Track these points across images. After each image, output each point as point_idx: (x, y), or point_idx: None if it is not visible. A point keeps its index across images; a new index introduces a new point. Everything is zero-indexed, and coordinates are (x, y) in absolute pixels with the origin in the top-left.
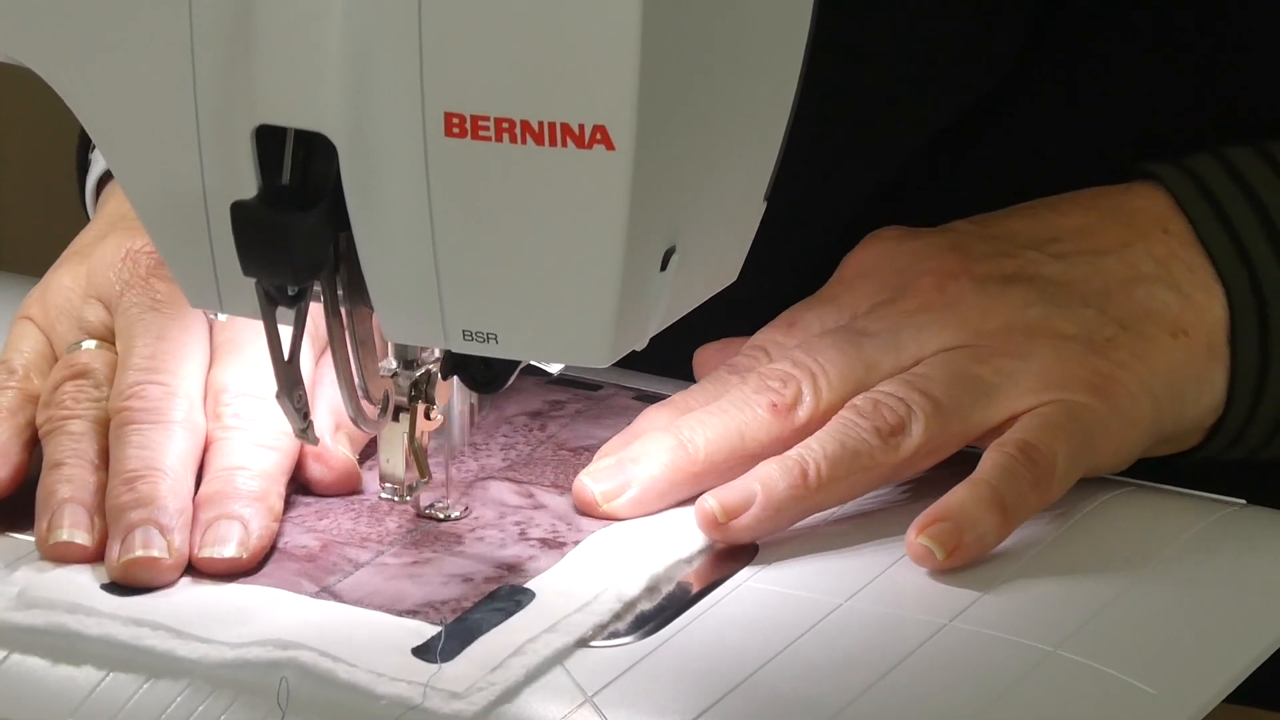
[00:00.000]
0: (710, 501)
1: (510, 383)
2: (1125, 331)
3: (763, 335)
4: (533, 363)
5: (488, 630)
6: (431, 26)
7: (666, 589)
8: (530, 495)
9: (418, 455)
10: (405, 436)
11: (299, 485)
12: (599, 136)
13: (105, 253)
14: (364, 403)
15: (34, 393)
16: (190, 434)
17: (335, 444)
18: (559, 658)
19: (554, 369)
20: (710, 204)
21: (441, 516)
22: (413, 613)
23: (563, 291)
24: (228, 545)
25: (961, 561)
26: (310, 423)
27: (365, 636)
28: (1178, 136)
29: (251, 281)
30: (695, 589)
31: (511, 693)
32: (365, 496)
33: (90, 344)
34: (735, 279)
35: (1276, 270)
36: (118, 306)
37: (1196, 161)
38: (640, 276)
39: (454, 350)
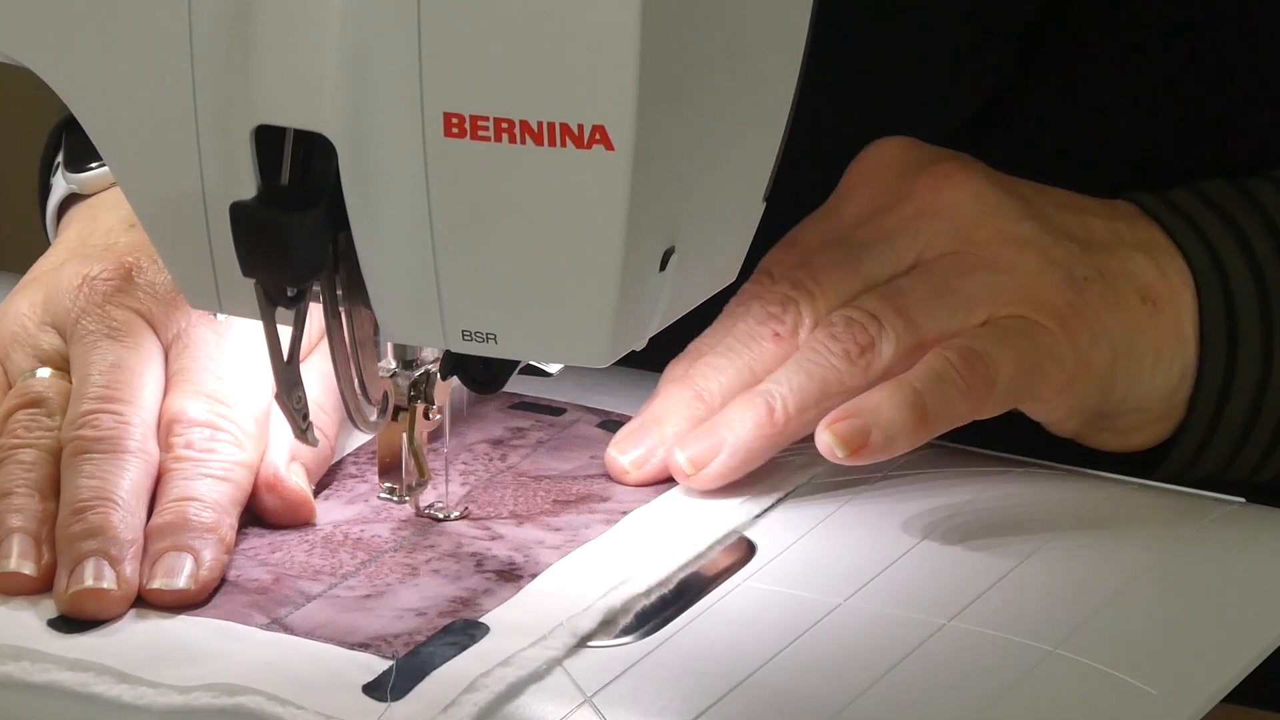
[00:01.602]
0: (679, 455)
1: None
2: (1102, 279)
3: (768, 259)
4: (532, 363)
5: (440, 665)
6: (431, 26)
7: (659, 593)
8: (487, 527)
9: (417, 455)
10: (405, 436)
11: (252, 516)
12: (598, 136)
13: (62, 280)
14: (363, 403)
15: None
16: (143, 464)
17: (290, 475)
18: (512, 694)
19: (553, 369)
20: (710, 204)
21: (440, 516)
22: (364, 646)
23: (562, 291)
24: (178, 577)
25: (866, 459)
26: (310, 423)
27: (315, 674)
28: (1171, 153)
29: (251, 282)
30: (695, 589)
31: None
32: (319, 528)
33: (45, 372)
34: (735, 279)
35: (1250, 284)
36: (73, 334)
37: (1171, 192)
38: (639, 276)
39: (453, 350)
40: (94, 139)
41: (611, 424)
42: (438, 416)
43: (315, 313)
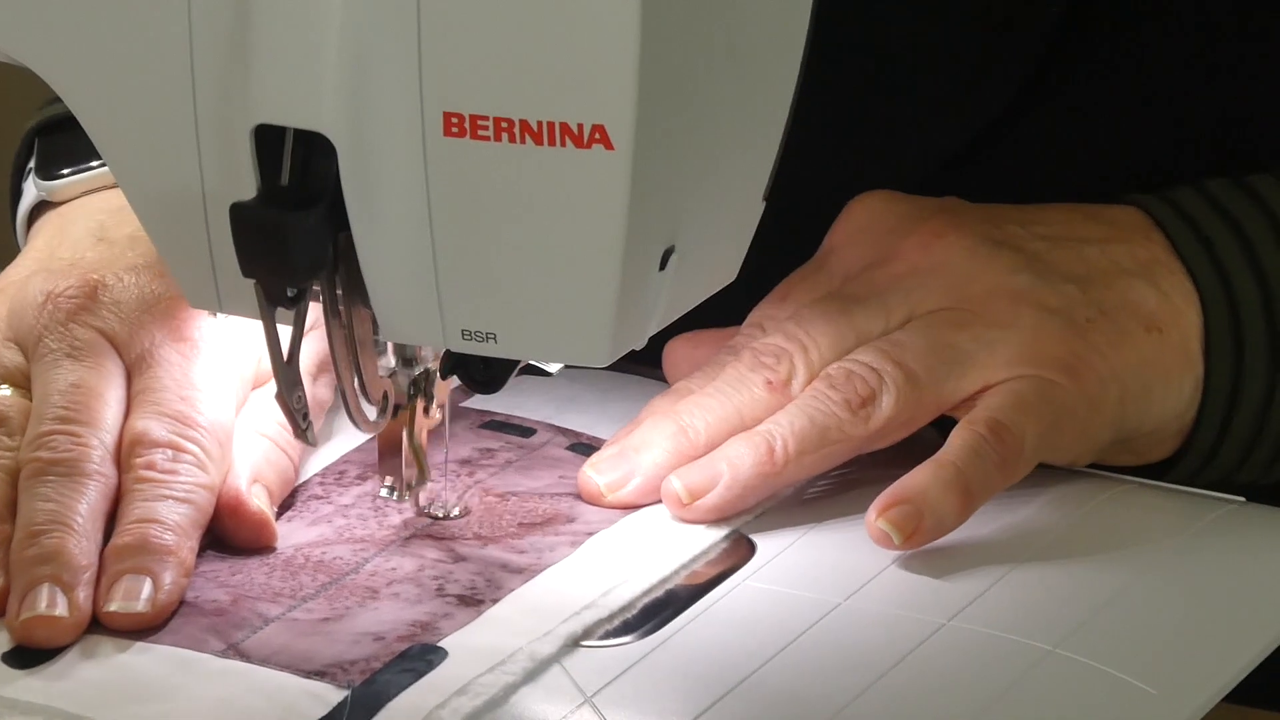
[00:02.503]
0: (675, 482)
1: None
2: (1103, 316)
3: (758, 312)
4: (532, 362)
5: (396, 694)
6: (431, 26)
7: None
8: (451, 550)
9: (417, 453)
10: (405, 434)
11: (214, 538)
12: (598, 136)
13: (27, 295)
14: (363, 403)
15: None
16: (101, 487)
17: (252, 497)
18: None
19: (553, 368)
20: (710, 204)
21: (441, 515)
22: (320, 674)
23: (562, 291)
24: (136, 600)
25: (919, 544)
26: (310, 423)
27: (268, 709)
28: (1192, 157)
29: (251, 282)
30: (695, 589)
31: (508, 691)
32: (280, 550)
33: (4, 390)
34: (734, 279)
35: (1254, 290)
36: (35, 353)
37: (1174, 192)
38: (639, 276)
39: (453, 350)
40: (94, 139)
41: (582, 447)
42: (438, 414)
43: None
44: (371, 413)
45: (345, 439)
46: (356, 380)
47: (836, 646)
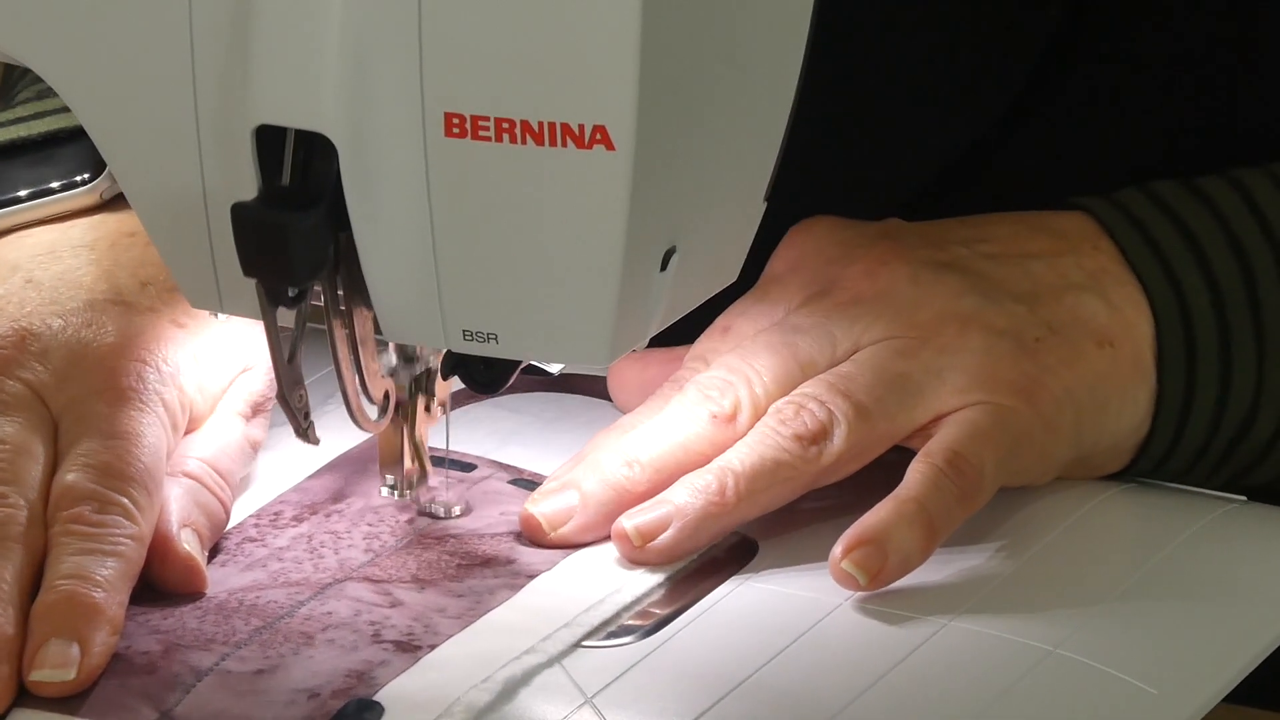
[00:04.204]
0: (625, 524)
1: (510, 382)
2: (1054, 335)
3: (700, 345)
4: (533, 363)
5: None
6: (431, 26)
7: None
8: (388, 594)
9: (418, 450)
10: (405, 432)
11: (145, 582)
12: (599, 136)
13: None
14: (363, 403)
15: None
16: (27, 551)
17: (182, 542)
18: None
19: (554, 369)
20: (710, 204)
21: (442, 514)
22: None
23: (563, 291)
24: (63, 670)
25: (885, 584)
26: (311, 423)
27: None
28: (1190, 161)
29: (251, 282)
30: (694, 590)
31: (509, 692)
32: (213, 595)
33: None
34: (735, 279)
35: (1205, 296)
36: None
37: (1122, 194)
38: (640, 276)
39: (454, 350)
40: (95, 139)
41: (524, 482)
42: (439, 412)
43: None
44: (373, 412)
45: (282, 477)
46: (358, 379)
47: (836, 646)
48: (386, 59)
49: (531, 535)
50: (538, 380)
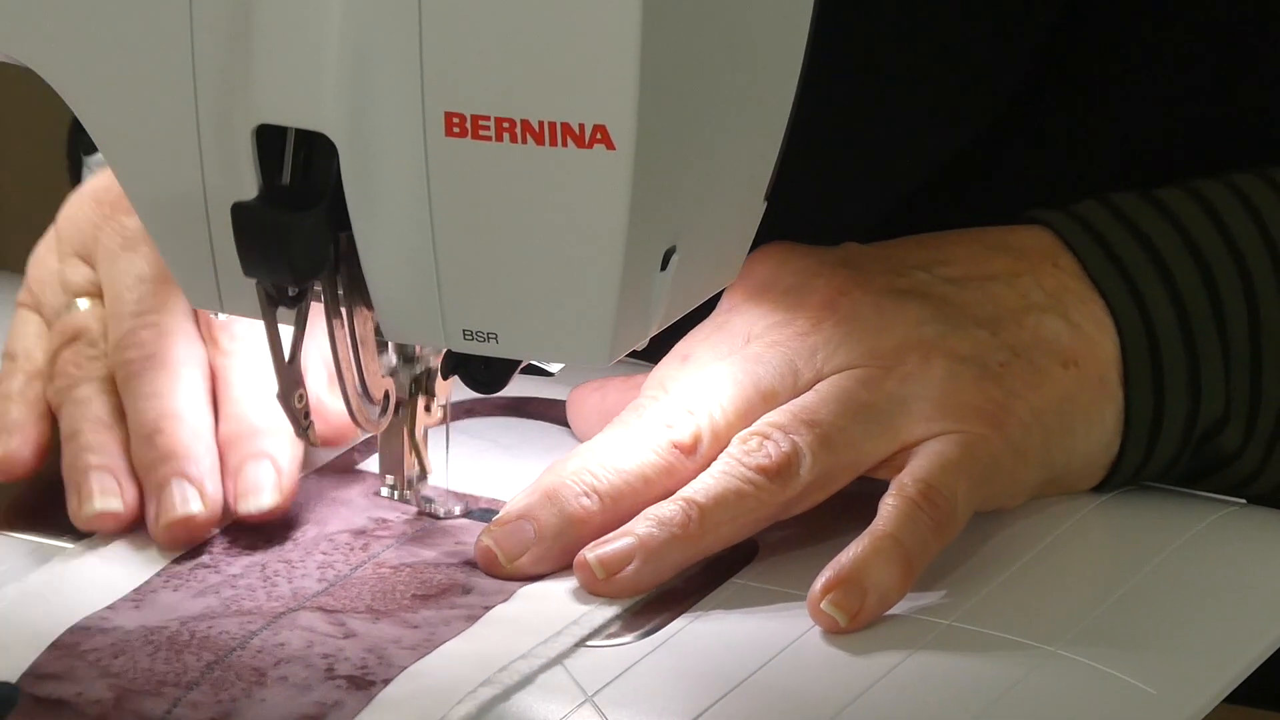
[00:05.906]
0: (589, 557)
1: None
2: (1017, 358)
3: (659, 372)
4: (534, 362)
5: None
6: (431, 26)
7: (515, 693)
8: (342, 624)
9: (418, 449)
10: (405, 432)
11: (102, 593)
12: (599, 136)
13: (69, 210)
14: (364, 402)
15: (41, 370)
16: (196, 369)
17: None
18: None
19: (554, 368)
20: (710, 204)
21: (441, 514)
22: None
23: (563, 291)
24: (264, 493)
25: (865, 623)
26: (311, 422)
27: None
28: (1188, 164)
29: (252, 282)
30: (694, 590)
31: (509, 692)
32: (165, 625)
33: (82, 303)
34: (735, 279)
35: (1169, 308)
36: (94, 256)
37: (1081, 206)
38: (641, 276)
39: (454, 350)
40: (95, 139)
41: (480, 513)
42: (439, 412)
43: None
44: (373, 412)
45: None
46: (358, 379)
47: (836, 646)
48: (387, 58)
49: (487, 568)
50: (496, 404)
